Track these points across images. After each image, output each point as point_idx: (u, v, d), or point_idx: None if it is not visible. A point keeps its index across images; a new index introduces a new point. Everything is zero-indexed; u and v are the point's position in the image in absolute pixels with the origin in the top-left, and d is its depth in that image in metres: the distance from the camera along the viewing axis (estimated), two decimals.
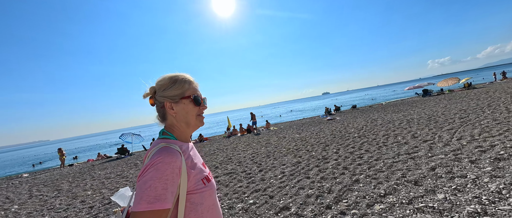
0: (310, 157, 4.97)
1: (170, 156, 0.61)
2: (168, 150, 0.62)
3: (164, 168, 0.59)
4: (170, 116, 0.72)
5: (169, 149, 0.63)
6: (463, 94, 14.28)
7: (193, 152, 0.74)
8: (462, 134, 4.70)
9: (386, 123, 7.92)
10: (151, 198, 0.55)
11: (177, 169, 0.61)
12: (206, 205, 0.67)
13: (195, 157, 0.73)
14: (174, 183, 0.60)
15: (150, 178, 0.57)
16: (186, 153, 0.69)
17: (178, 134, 0.72)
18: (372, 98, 43.55)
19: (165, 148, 0.63)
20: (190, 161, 0.68)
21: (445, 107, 9.51)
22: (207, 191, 0.68)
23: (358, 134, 6.81)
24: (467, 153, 3.55)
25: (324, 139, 6.87)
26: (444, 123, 6.15)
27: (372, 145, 5.14)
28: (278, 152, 6.10)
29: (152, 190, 0.56)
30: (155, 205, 0.55)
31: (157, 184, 0.57)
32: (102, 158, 16.05)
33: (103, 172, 8.06)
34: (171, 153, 0.62)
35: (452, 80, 21.49)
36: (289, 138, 8.37)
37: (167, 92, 0.70)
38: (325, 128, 9.64)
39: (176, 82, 0.71)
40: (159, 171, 0.58)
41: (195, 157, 0.73)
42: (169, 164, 0.60)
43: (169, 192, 0.58)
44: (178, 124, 0.72)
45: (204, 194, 0.66)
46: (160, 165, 0.59)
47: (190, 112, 0.72)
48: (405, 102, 16.69)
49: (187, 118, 0.72)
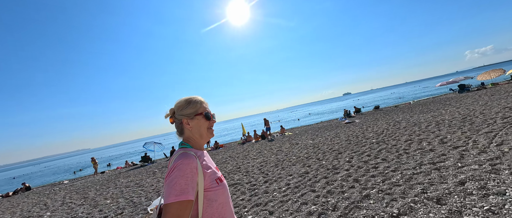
0: (320, 167, 4.64)
1: (188, 158, 0.77)
2: (186, 155, 0.79)
3: (185, 168, 0.75)
4: (187, 130, 0.91)
5: (186, 154, 0.80)
6: (509, 88, 12.28)
7: (207, 157, 0.91)
8: (504, 139, 3.96)
9: (411, 126, 7.12)
10: (177, 192, 0.71)
11: (195, 169, 0.77)
12: (219, 201, 0.81)
13: (209, 161, 0.90)
14: (194, 180, 0.75)
15: (175, 177, 0.73)
16: (201, 158, 0.85)
17: (193, 144, 0.90)
18: (399, 96, 40.09)
19: (183, 154, 0.80)
20: (205, 164, 0.84)
21: (485, 105, 8.23)
22: (220, 189, 0.82)
23: (377, 139, 6.21)
24: (508, 163, 2.94)
25: (338, 146, 6.41)
26: (482, 125, 5.28)
27: (391, 152, 4.61)
28: (288, 161, 5.85)
29: (178, 186, 0.72)
30: (181, 197, 0.71)
31: (181, 181, 0.73)
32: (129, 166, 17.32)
33: (125, 180, 8.62)
34: (188, 156, 0.79)
35: (496, 72, 18.70)
36: (301, 145, 8.02)
37: (184, 111, 0.90)
38: (341, 132, 9.04)
39: (191, 103, 0.91)
40: (181, 170, 0.74)
41: (209, 162, 0.89)
42: (188, 165, 0.76)
43: (191, 187, 0.73)
44: (193, 136, 0.91)
45: (218, 192, 0.81)
46: (181, 166, 0.75)
47: (203, 126, 0.91)
48: (437, 100, 14.95)
49: (200, 131, 0.91)
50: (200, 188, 0.77)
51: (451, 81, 19.51)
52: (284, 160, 6.08)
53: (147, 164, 14.39)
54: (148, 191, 5.81)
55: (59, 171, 31.30)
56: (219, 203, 0.81)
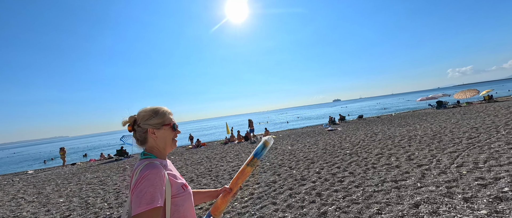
0: (289, 176, 4.53)
1: (155, 168, 0.79)
2: (153, 165, 0.80)
3: (153, 177, 0.76)
4: (151, 140, 0.90)
5: (153, 164, 0.80)
6: (481, 108, 13.05)
7: (171, 166, 0.94)
8: (465, 160, 4.07)
9: (386, 139, 7.26)
10: (148, 200, 0.73)
11: (163, 178, 0.79)
12: (185, 206, 0.85)
13: (173, 169, 0.92)
14: (162, 188, 0.78)
15: (144, 187, 0.74)
16: (166, 167, 0.88)
17: (157, 153, 0.91)
18: (384, 107, 41.61)
19: (150, 164, 0.80)
20: (171, 172, 0.87)
21: (456, 123, 8.62)
22: (186, 195, 0.87)
23: (351, 150, 6.25)
24: (463, 187, 2.99)
25: (313, 154, 6.38)
26: (449, 144, 5.46)
27: (360, 166, 4.61)
28: (260, 167, 5.71)
29: (148, 194, 0.73)
30: (152, 205, 0.73)
31: (151, 190, 0.74)
32: (103, 159, 16.42)
33: (91, 175, 8.07)
34: (155, 166, 0.80)
35: (471, 92, 19.89)
36: (279, 150, 7.94)
37: (151, 121, 0.89)
38: (320, 140, 9.08)
39: (158, 114, 0.91)
40: (150, 180, 0.75)
41: (173, 170, 0.91)
42: (156, 174, 0.77)
43: (160, 194, 0.76)
44: (157, 146, 0.91)
45: (184, 198, 0.85)
46: (149, 176, 0.76)
47: (168, 136, 0.93)
48: (416, 114, 15.59)
49: (165, 141, 0.92)
50: (167, 195, 0.80)
51: (431, 97, 20.49)
52: (257, 165, 5.94)
53: (122, 159, 13.71)
54: (109, 191, 5.42)
55: (28, 159, 29.14)
56: (185, 207, 0.85)
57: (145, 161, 0.83)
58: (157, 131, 0.90)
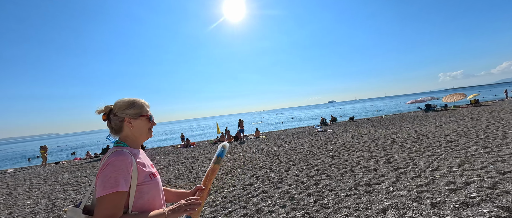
0: (267, 179, 4.44)
1: (122, 155, 0.83)
2: (120, 152, 0.84)
3: (118, 164, 0.80)
4: (127, 129, 0.93)
5: (121, 151, 0.85)
6: (466, 112, 13.34)
7: (142, 156, 0.96)
8: (441, 164, 4.07)
9: (370, 141, 7.28)
10: (111, 184, 0.77)
11: (130, 165, 0.83)
12: (151, 194, 0.89)
13: (144, 159, 0.95)
14: (128, 174, 0.81)
15: (108, 172, 0.78)
16: (136, 155, 0.90)
17: (130, 142, 0.94)
18: (376, 109, 42.24)
19: (117, 151, 0.84)
20: (140, 161, 0.90)
21: (440, 126, 8.75)
22: (152, 184, 0.90)
23: (334, 152, 6.21)
24: (433, 192, 2.96)
25: (296, 156, 6.31)
26: (429, 147, 5.48)
27: (339, 168, 4.56)
28: (241, 168, 5.60)
29: (112, 179, 0.77)
30: (116, 188, 0.77)
31: (115, 175, 0.78)
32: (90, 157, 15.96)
33: (70, 175, 7.77)
34: (123, 153, 0.84)
35: (458, 96, 20.37)
36: (265, 151, 7.84)
37: (128, 110, 0.93)
38: (307, 141, 9.05)
39: (135, 104, 0.95)
40: (115, 166, 0.79)
41: (144, 159, 0.94)
42: (122, 161, 0.81)
43: (124, 180, 0.79)
44: (132, 135, 0.94)
45: (150, 186, 0.89)
46: (115, 162, 0.80)
47: (144, 127, 0.97)
48: (405, 117, 15.82)
49: (141, 131, 0.96)
50: (133, 182, 0.82)
51: (420, 100, 20.87)
52: (238, 167, 5.83)
53: None
54: (81, 192, 5.19)
55: (12, 157, 28.10)
56: (150, 195, 0.88)
57: (114, 149, 0.86)
58: (133, 121, 0.93)
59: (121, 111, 0.93)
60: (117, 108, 0.94)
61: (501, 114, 10.23)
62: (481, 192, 2.77)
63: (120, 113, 0.93)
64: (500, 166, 3.57)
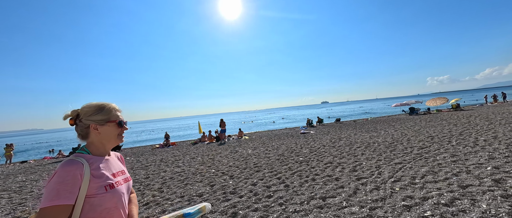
0: (221, 188, 4.04)
1: (71, 165, 0.79)
2: (71, 162, 0.80)
3: (64, 174, 0.77)
4: (93, 135, 0.91)
5: (72, 161, 0.80)
6: (446, 116, 13.52)
7: (106, 164, 0.91)
8: (405, 174, 3.83)
9: (346, 145, 7.05)
10: (52, 196, 0.74)
11: (78, 175, 0.78)
12: (105, 207, 0.82)
13: (106, 167, 0.90)
14: (74, 185, 0.77)
15: (53, 183, 0.76)
16: (94, 164, 0.85)
17: (94, 149, 0.91)
18: (365, 111, 42.94)
19: (69, 161, 0.80)
20: (97, 171, 0.85)
21: (417, 131, 8.67)
22: (107, 196, 0.83)
23: (305, 157, 5.91)
24: (386, 208, 2.66)
25: (265, 161, 5.96)
26: (399, 153, 5.28)
27: (302, 177, 4.24)
28: (201, 175, 5.18)
29: (53, 191, 0.74)
30: (55, 201, 0.73)
31: (58, 186, 0.75)
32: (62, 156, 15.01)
33: (23, 178, 7.06)
34: (73, 163, 0.80)
35: (441, 100, 20.81)
36: (238, 155, 7.45)
37: (94, 116, 0.90)
38: (286, 144, 8.74)
39: (103, 110, 0.92)
40: (60, 177, 0.76)
41: (105, 168, 0.89)
42: (69, 172, 0.77)
43: (68, 192, 0.75)
44: (98, 142, 0.91)
45: (104, 198, 0.82)
46: (61, 173, 0.77)
47: (113, 133, 0.93)
48: (388, 120, 15.91)
49: (109, 137, 0.93)
50: (81, 194, 0.78)
51: (404, 103, 21.17)
52: (200, 173, 5.39)
53: None
54: (14, 201, 4.60)
55: None
56: (104, 208, 0.82)
57: (68, 157, 0.83)
58: (100, 127, 0.90)
59: (86, 117, 0.89)
60: (83, 114, 0.90)
61: (478, 119, 10.34)
62: (436, 211, 2.49)
63: (86, 120, 0.89)
64: (463, 178, 3.35)
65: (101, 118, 0.90)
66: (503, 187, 2.91)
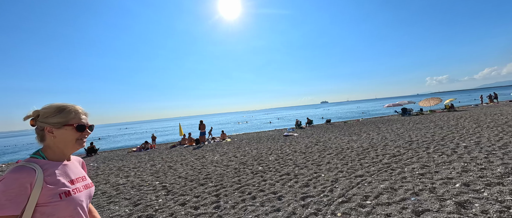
0: (142, 209, 3.42)
1: (19, 172, 0.72)
2: (20, 169, 0.73)
3: (10, 182, 0.70)
4: (49, 139, 0.84)
5: (21, 167, 0.74)
6: (437, 117, 12.93)
7: (64, 169, 0.84)
8: (359, 191, 3.22)
9: (317, 152, 6.43)
10: None
11: (27, 184, 0.72)
12: (58, 216, 0.76)
13: (63, 173, 0.83)
14: (20, 194, 0.71)
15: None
16: (49, 170, 0.79)
17: (50, 154, 0.84)
18: (362, 111, 42.39)
19: (18, 167, 0.74)
20: (52, 177, 0.78)
21: (399, 134, 8.07)
22: (62, 204, 0.76)
23: (266, 166, 5.30)
24: None
25: (222, 170, 5.34)
26: (367, 163, 4.67)
27: (244, 193, 3.63)
28: (138, 189, 4.56)
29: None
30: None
31: (1, 196, 0.69)
32: None
33: None
34: (21, 170, 0.73)
35: (434, 100, 20.23)
36: (201, 161, 6.83)
37: (51, 119, 0.83)
38: (260, 148, 8.13)
39: (63, 112, 0.85)
40: (5, 185, 0.70)
41: (62, 174, 0.82)
42: (16, 180, 0.71)
43: (13, 202, 0.70)
44: (54, 146, 0.84)
45: (57, 207, 0.75)
46: (6, 180, 0.71)
47: (70, 137, 0.85)
48: (378, 121, 15.33)
49: (66, 142, 0.85)
50: (31, 202, 0.72)
51: (397, 104, 20.58)
52: (141, 186, 4.78)
53: None
54: None
55: None
56: (58, 217, 0.76)
57: (21, 163, 0.77)
58: (56, 131, 0.83)
59: (43, 119, 0.83)
60: (41, 115, 0.84)
61: (466, 121, 9.75)
62: None
63: (40, 122, 0.84)
64: (423, 199, 2.75)
65: (58, 121, 0.83)
66: (466, 215, 2.31)
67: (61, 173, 0.82)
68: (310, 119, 19.41)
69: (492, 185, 2.95)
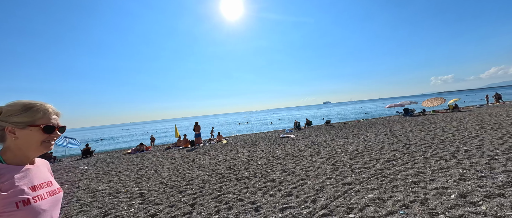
0: (136, 213, 3.19)
1: None
2: None
3: None
4: (9, 140, 0.75)
5: None
6: (440, 118, 12.49)
7: (25, 174, 0.75)
8: (344, 202, 2.93)
9: (309, 155, 6.15)
10: None
11: None
12: None
13: (24, 179, 0.74)
14: None
15: None
16: (5, 175, 0.70)
17: (10, 157, 0.75)
18: (364, 112, 41.80)
19: None
20: (8, 183, 0.70)
21: (397, 137, 7.72)
22: (19, 213, 0.69)
23: (253, 171, 5.04)
24: None
25: (207, 175, 5.10)
26: (358, 169, 4.37)
27: (221, 203, 3.37)
28: (114, 197, 4.35)
29: None
30: None
31: None
32: None
33: None
34: None
35: (438, 100, 19.68)
36: (189, 166, 6.60)
37: (14, 118, 0.75)
38: (253, 151, 7.88)
39: (29, 110, 0.76)
40: None
41: (22, 179, 0.73)
42: None
43: None
44: (16, 148, 0.76)
45: (14, 216, 0.68)
46: None
47: (35, 139, 0.76)
48: (378, 122, 14.92)
49: (30, 144, 0.76)
50: None
51: (399, 104, 20.09)
52: (118, 193, 4.56)
53: None
54: None
55: None
56: None
57: None
58: (19, 131, 0.75)
59: (4, 117, 0.75)
60: (3, 113, 0.76)
61: (470, 123, 9.33)
62: None
63: (2, 120, 0.75)
64: (412, 213, 2.46)
65: (22, 120, 0.74)
66: None
67: (21, 178, 0.74)
68: (309, 120, 19.08)
69: (491, 196, 2.64)
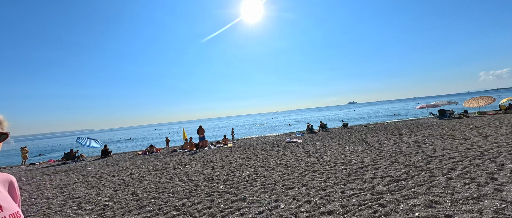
0: None
1: None
2: None
3: None
4: None
5: None
6: (484, 122, 10.20)
7: None
8: None
9: (303, 167, 5.31)
10: None
11: None
12: None
13: None
14: None
15: None
16: None
17: None
18: (394, 113, 37.72)
19: None
20: None
21: (420, 146, 6.32)
22: None
23: (231, 185, 4.46)
24: None
25: (193, 185, 4.68)
26: (356, 187, 3.46)
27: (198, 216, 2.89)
28: (95, 204, 4.19)
29: None
30: None
31: None
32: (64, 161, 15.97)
33: None
34: None
35: (485, 100, 16.39)
36: (185, 171, 6.31)
37: None
38: (251, 157, 7.30)
39: None
40: None
41: None
42: None
43: None
44: None
45: None
46: None
47: None
48: (405, 125, 12.97)
49: None
50: None
51: (432, 105, 17.31)
52: (104, 198, 4.42)
53: (69, 162, 13.00)
54: None
55: (31, 152, 30.41)
56: None
57: None
58: None
59: None
60: None
61: None
62: None
63: None
64: None
65: None
66: None
67: None
68: (323, 123, 17.64)
69: None
